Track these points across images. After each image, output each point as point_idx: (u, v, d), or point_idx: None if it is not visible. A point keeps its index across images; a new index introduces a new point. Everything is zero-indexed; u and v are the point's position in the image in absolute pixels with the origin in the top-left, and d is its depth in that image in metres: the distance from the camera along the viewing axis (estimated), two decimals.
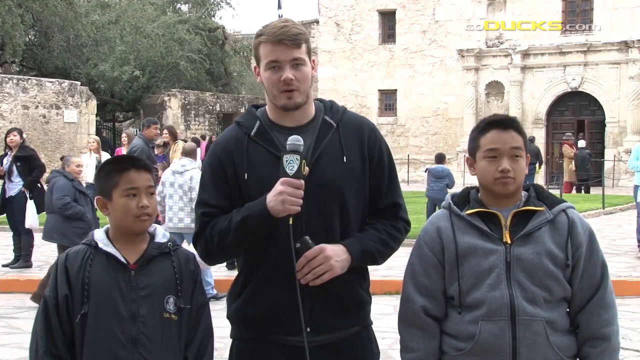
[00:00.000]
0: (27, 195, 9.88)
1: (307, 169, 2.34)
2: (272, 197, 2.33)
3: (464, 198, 2.46)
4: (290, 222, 2.35)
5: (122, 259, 2.41)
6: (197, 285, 2.50)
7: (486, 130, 2.42)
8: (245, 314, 2.50)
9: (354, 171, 2.48)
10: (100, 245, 2.42)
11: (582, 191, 23.74)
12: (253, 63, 2.56)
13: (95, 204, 2.53)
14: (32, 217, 9.73)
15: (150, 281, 2.41)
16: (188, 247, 8.04)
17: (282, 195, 2.30)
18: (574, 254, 2.36)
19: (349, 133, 2.51)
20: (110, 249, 2.42)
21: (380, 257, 2.52)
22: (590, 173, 24.15)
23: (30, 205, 9.79)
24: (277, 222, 2.37)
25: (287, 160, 2.32)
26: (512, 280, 2.32)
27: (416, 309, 2.40)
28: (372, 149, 2.54)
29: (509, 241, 2.35)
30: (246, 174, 2.44)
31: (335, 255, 2.38)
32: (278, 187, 2.32)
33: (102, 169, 2.51)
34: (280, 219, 2.35)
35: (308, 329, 2.41)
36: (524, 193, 2.45)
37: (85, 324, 2.35)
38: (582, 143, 24.79)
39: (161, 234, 2.51)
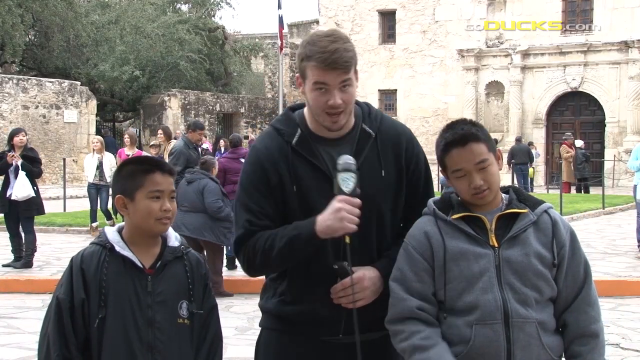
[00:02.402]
0: (20, 166, 9.88)
1: (358, 190, 2.32)
2: (327, 216, 2.29)
3: (447, 203, 2.45)
4: (347, 240, 2.32)
5: (139, 264, 2.39)
6: (207, 289, 2.50)
7: (447, 151, 2.41)
8: (284, 312, 2.50)
9: (391, 185, 2.49)
10: (117, 248, 2.39)
11: (582, 191, 23.75)
12: (296, 72, 2.48)
13: (115, 202, 2.47)
14: (23, 187, 9.81)
15: (165, 287, 2.40)
16: None
17: (341, 213, 2.26)
18: (558, 253, 2.38)
19: (387, 144, 2.50)
20: (126, 252, 2.39)
21: None
22: (584, 173, 24.14)
23: (22, 176, 9.83)
24: (324, 243, 2.36)
25: (342, 179, 2.29)
26: (503, 283, 2.32)
27: (412, 306, 2.37)
28: (410, 159, 2.53)
29: (495, 244, 2.35)
30: (295, 186, 2.40)
31: (372, 285, 2.40)
32: (335, 204, 2.28)
33: (124, 169, 2.47)
34: (338, 237, 2.33)
35: (341, 335, 2.46)
36: (504, 195, 2.46)
37: (104, 328, 2.33)
38: (579, 143, 24.84)
39: (174, 237, 2.50)
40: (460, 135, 2.39)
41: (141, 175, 2.40)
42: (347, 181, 2.29)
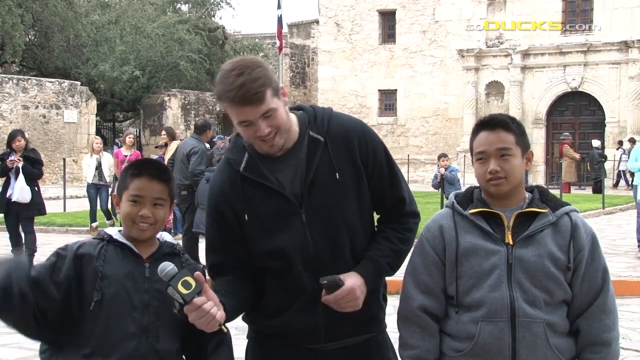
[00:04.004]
0: (20, 167, 9.84)
1: (192, 288, 2.20)
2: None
3: (468, 197, 2.46)
4: (224, 330, 2.30)
5: (137, 251, 2.42)
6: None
7: (477, 132, 2.43)
8: (262, 326, 2.53)
9: (349, 186, 2.43)
10: (115, 236, 2.43)
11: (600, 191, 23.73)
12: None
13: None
14: (22, 191, 9.79)
15: None
16: None
17: (194, 321, 2.22)
18: (575, 257, 2.35)
19: (338, 145, 2.43)
20: (125, 240, 2.43)
21: (395, 269, 2.52)
22: (598, 173, 24.20)
23: (22, 179, 9.79)
24: (291, 259, 2.38)
25: (171, 295, 2.22)
26: (512, 282, 2.31)
27: (415, 307, 2.41)
28: (365, 154, 2.46)
29: (511, 242, 2.34)
30: (246, 215, 2.41)
31: (362, 294, 2.39)
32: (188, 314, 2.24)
33: (125, 169, 2.52)
34: (293, 257, 2.37)
35: (323, 343, 2.45)
36: (528, 194, 2.45)
37: (101, 310, 2.34)
38: (596, 143, 24.95)
39: (169, 239, 2.54)
40: (491, 119, 2.43)
41: (129, 178, 2.44)
42: (174, 296, 2.21)
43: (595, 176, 24.13)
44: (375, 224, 2.59)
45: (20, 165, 9.90)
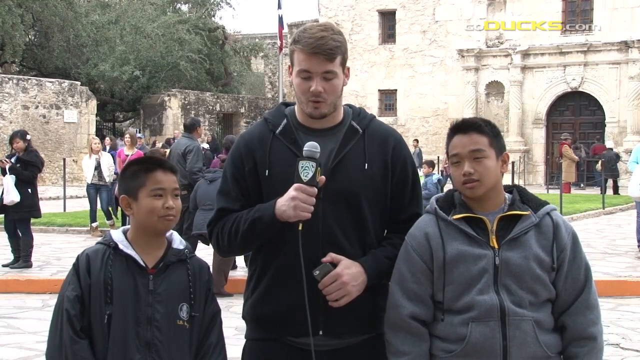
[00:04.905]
0: (7, 169, 9.85)
1: (322, 177, 2.36)
2: (283, 202, 2.36)
3: (449, 201, 2.47)
4: (300, 227, 2.36)
5: (142, 262, 2.42)
6: (209, 295, 2.51)
7: (451, 136, 2.47)
8: (256, 314, 2.53)
9: (374, 179, 2.49)
10: (121, 246, 2.42)
11: (617, 191, 23.73)
12: (288, 62, 2.58)
13: (120, 203, 2.53)
14: (7, 193, 9.76)
15: (167, 287, 2.42)
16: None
17: (295, 201, 2.33)
18: (558, 257, 2.38)
19: (374, 141, 2.52)
20: (130, 251, 2.42)
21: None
22: (616, 173, 24.20)
23: (8, 180, 9.79)
24: (289, 225, 2.38)
25: (302, 167, 2.33)
26: (499, 285, 2.34)
27: (405, 315, 2.40)
28: (396, 159, 2.54)
29: (496, 246, 2.36)
30: (267, 171, 2.47)
31: (352, 280, 2.39)
32: (291, 192, 2.34)
33: (128, 169, 2.51)
34: (292, 222, 2.37)
35: (321, 332, 2.44)
36: (507, 196, 2.46)
37: (110, 325, 2.35)
38: (609, 144, 25.00)
39: (178, 241, 2.52)
40: (464, 122, 2.46)
41: (143, 175, 2.44)
42: (306, 170, 2.33)
43: (612, 176, 24.10)
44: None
45: (7, 166, 9.91)
